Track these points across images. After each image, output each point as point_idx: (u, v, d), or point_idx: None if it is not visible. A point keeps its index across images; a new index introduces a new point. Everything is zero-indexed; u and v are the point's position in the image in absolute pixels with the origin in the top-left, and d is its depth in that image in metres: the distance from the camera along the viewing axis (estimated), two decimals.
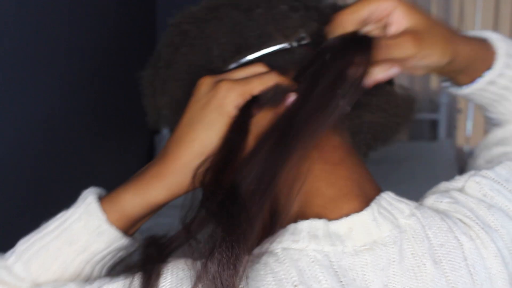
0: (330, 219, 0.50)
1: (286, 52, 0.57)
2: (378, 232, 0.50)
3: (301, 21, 0.58)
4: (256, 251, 0.49)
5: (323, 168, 0.54)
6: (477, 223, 0.51)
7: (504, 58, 0.59)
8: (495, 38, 0.61)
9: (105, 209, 0.55)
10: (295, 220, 0.50)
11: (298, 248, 0.49)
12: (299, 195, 0.52)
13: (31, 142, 1.44)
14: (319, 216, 0.51)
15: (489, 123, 0.68)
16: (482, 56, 0.59)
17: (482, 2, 2.56)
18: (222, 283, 0.45)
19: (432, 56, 0.53)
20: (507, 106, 0.62)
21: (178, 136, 0.54)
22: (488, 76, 0.59)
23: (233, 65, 0.57)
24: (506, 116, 0.63)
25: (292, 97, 0.53)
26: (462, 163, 2.61)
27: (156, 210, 0.57)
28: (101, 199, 0.56)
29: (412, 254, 0.49)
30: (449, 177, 0.57)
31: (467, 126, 2.71)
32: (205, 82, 0.54)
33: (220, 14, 0.59)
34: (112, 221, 0.55)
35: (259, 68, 0.55)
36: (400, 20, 0.53)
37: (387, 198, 0.52)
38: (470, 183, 0.55)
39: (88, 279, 0.56)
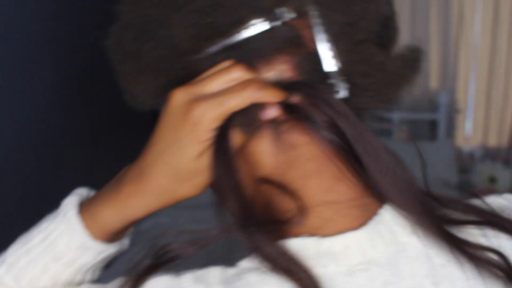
0: (324, 235, 0.48)
1: (266, 34, 0.51)
2: (373, 252, 0.48)
3: (274, 2, 0.51)
4: (246, 263, 0.47)
5: (320, 185, 0.51)
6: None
7: None
8: None
9: (87, 225, 0.54)
10: (287, 236, 0.48)
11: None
12: (296, 212, 0.49)
13: (28, 142, 1.44)
14: (312, 233, 0.48)
15: None
16: None
17: (481, 2, 2.56)
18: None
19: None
20: None
21: (152, 155, 0.52)
22: None
23: (207, 52, 0.52)
24: None
25: (271, 111, 0.50)
26: (461, 163, 2.61)
27: (137, 222, 0.57)
28: (81, 210, 0.55)
29: (412, 274, 0.47)
30: (448, 177, 0.57)
31: (467, 126, 2.71)
32: (177, 98, 0.50)
33: (184, 1, 0.52)
34: (95, 237, 0.55)
35: (237, 73, 0.50)
36: None
37: (388, 215, 0.49)
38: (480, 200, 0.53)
39: (81, 283, 0.57)
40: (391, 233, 0.49)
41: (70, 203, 0.56)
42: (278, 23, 0.51)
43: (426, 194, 0.50)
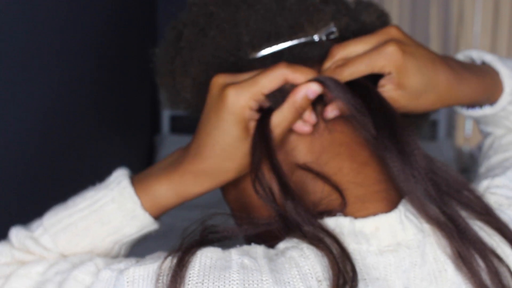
0: (356, 217, 0.51)
1: (313, 45, 0.57)
2: (403, 234, 0.50)
3: (332, 15, 0.58)
4: (283, 245, 0.50)
5: (351, 166, 0.54)
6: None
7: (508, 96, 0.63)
8: (504, 74, 0.63)
9: (139, 195, 0.57)
10: (322, 216, 0.51)
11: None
12: (328, 192, 0.53)
13: (30, 141, 1.44)
14: (346, 213, 0.51)
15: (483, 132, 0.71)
16: (486, 97, 0.63)
17: (481, 2, 2.56)
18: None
19: (421, 104, 0.56)
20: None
21: (202, 137, 0.54)
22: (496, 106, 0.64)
23: (262, 53, 0.57)
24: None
25: (302, 90, 0.53)
26: (461, 163, 2.61)
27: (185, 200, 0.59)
28: (133, 183, 0.58)
29: (434, 259, 0.50)
30: None
31: (467, 126, 2.71)
32: (216, 84, 0.53)
33: (252, 1, 0.58)
34: (145, 208, 0.57)
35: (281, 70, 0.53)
36: (398, 81, 0.54)
37: (414, 201, 0.52)
38: (487, 193, 0.56)
39: (117, 257, 0.58)
40: (417, 219, 0.51)
41: (122, 175, 0.58)
42: (330, 36, 0.58)
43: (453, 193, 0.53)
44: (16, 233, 0.57)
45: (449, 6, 2.60)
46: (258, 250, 0.49)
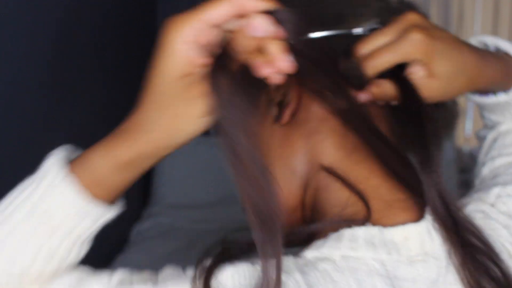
0: (384, 225, 0.49)
1: (352, 38, 0.55)
2: (431, 244, 0.49)
3: (378, 12, 0.56)
4: (311, 254, 0.48)
5: (381, 171, 0.52)
6: (510, 242, 0.51)
7: None
8: None
9: (81, 181, 0.48)
10: (348, 223, 0.49)
11: (356, 257, 0.48)
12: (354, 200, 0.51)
13: (29, 141, 1.44)
14: (373, 221, 0.50)
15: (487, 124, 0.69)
16: (505, 82, 0.61)
17: (481, 3, 2.56)
18: None
19: (448, 88, 0.53)
20: None
21: (142, 93, 0.48)
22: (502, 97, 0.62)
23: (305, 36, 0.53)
24: None
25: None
26: (461, 164, 2.61)
27: (127, 171, 0.49)
28: (71, 167, 0.49)
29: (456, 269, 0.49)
30: (448, 177, 0.58)
31: (467, 126, 2.71)
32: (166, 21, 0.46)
33: None
34: (94, 195, 0.49)
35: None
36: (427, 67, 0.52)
37: (435, 209, 0.51)
38: (499, 202, 0.55)
39: (80, 256, 0.51)
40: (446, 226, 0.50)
41: (55, 163, 0.50)
42: (366, 33, 0.55)
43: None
44: None
45: (449, 6, 2.60)
46: (289, 262, 0.48)
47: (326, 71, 0.51)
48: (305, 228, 0.49)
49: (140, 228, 1.99)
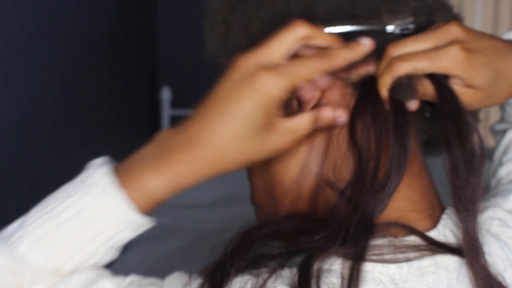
0: (396, 236, 0.48)
1: (384, 35, 0.53)
2: (442, 256, 0.48)
3: (414, 11, 0.55)
4: (316, 266, 0.47)
5: (404, 182, 0.50)
6: None
7: None
8: None
9: (129, 194, 0.50)
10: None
11: (363, 269, 0.46)
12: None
13: (28, 141, 1.44)
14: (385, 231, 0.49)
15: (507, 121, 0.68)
16: None
17: (481, 2, 2.56)
18: None
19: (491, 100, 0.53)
20: None
21: (207, 122, 0.49)
22: None
23: (330, 30, 0.52)
24: None
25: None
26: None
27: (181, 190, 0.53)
28: (120, 180, 0.51)
29: (470, 280, 0.48)
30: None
31: None
32: (241, 64, 0.48)
33: None
34: (138, 206, 0.51)
35: (302, 30, 0.49)
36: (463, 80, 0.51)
37: (452, 218, 0.50)
38: None
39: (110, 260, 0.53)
40: (456, 238, 0.49)
41: (106, 174, 0.51)
42: (404, 31, 0.54)
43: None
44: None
45: None
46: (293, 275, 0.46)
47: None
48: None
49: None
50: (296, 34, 0.48)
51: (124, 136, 2.21)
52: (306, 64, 0.48)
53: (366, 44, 0.51)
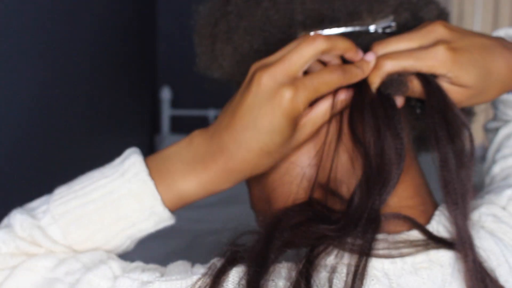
0: (390, 232, 0.49)
1: (366, 35, 0.54)
2: (436, 251, 0.48)
3: (394, 8, 0.55)
4: (318, 262, 0.47)
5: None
6: None
7: None
8: None
9: (159, 191, 0.53)
10: None
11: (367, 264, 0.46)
12: None
13: (27, 141, 1.44)
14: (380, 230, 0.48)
15: (498, 119, 0.68)
16: None
17: (481, 2, 2.56)
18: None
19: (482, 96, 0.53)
20: None
21: (234, 135, 0.50)
22: None
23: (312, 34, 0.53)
24: None
25: (343, 95, 0.51)
26: None
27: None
28: (150, 173, 0.53)
29: (463, 274, 0.48)
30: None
31: None
32: (264, 82, 0.49)
33: None
34: (166, 204, 0.53)
35: (321, 44, 0.50)
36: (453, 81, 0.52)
37: (445, 214, 0.50)
38: (511, 205, 0.54)
39: (125, 251, 0.55)
40: (449, 233, 0.49)
41: (138, 162, 0.53)
42: (386, 29, 0.54)
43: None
44: (21, 220, 0.52)
45: (449, 6, 2.60)
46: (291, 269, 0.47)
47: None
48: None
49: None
50: (315, 48, 0.49)
51: (124, 136, 2.21)
52: (325, 79, 0.50)
53: (372, 60, 0.51)
